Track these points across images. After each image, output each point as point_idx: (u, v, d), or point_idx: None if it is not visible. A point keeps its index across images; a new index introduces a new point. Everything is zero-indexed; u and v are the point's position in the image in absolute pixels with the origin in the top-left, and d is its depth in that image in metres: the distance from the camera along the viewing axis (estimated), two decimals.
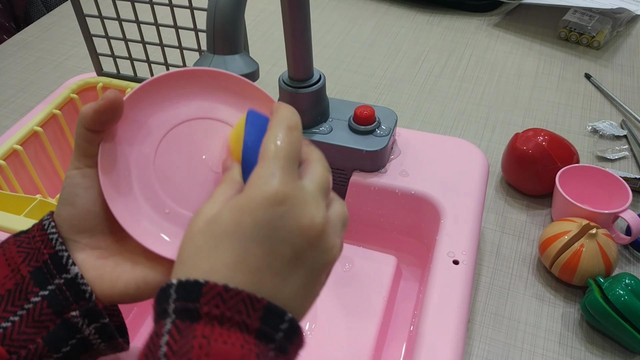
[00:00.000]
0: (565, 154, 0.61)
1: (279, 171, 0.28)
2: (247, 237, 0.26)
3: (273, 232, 0.27)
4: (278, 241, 0.27)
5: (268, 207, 0.27)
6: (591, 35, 0.87)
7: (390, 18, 0.98)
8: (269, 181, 0.27)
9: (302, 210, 0.27)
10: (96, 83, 0.66)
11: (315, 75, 0.53)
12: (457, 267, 0.45)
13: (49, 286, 0.30)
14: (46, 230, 0.31)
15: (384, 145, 0.53)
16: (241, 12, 0.39)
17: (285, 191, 0.27)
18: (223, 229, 0.27)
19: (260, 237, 0.26)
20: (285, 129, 0.30)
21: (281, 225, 0.27)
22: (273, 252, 0.27)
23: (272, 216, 0.27)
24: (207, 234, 0.27)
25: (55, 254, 0.31)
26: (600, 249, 0.52)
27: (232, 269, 0.26)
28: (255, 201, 0.27)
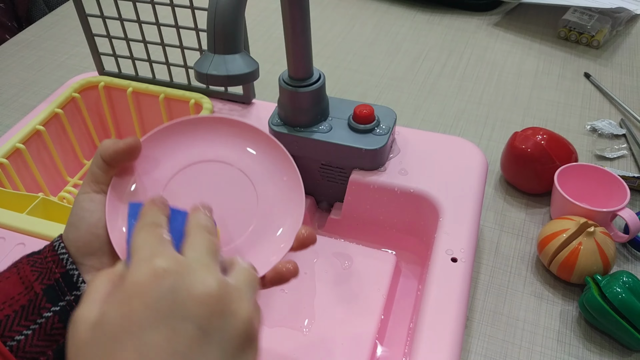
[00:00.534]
0: (563, 152, 0.62)
1: (156, 250, 0.27)
2: (142, 327, 0.24)
3: (168, 312, 0.25)
4: (176, 320, 0.24)
5: (154, 285, 0.25)
6: (591, 35, 0.87)
7: (390, 17, 0.99)
8: (148, 261, 0.26)
9: (191, 279, 0.26)
10: (98, 82, 0.66)
11: (315, 74, 0.54)
12: (456, 264, 0.46)
13: (60, 302, 0.31)
14: (57, 251, 0.33)
15: (383, 144, 0.53)
16: (241, 12, 0.40)
17: (166, 264, 0.26)
18: (113, 330, 0.25)
19: (157, 322, 0.24)
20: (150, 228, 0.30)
21: (173, 300, 0.25)
22: (175, 335, 0.24)
23: (160, 293, 0.25)
24: (96, 341, 0.25)
25: (66, 272, 0.32)
26: (598, 247, 0.52)
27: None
28: (138, 284, 0.25)
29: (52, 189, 0.64)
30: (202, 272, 0.27)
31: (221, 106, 0.63)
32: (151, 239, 0.29)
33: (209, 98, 0.63)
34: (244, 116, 0.62)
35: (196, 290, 0.25)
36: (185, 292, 0.25)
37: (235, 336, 0.26)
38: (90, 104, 0.68)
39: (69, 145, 0.67)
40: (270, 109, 0.62)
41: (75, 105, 0.66)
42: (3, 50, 0.94)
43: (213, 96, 0.64)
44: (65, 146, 0.66)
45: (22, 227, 0.49)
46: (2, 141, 0.60)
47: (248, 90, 0.63)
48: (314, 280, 0.53)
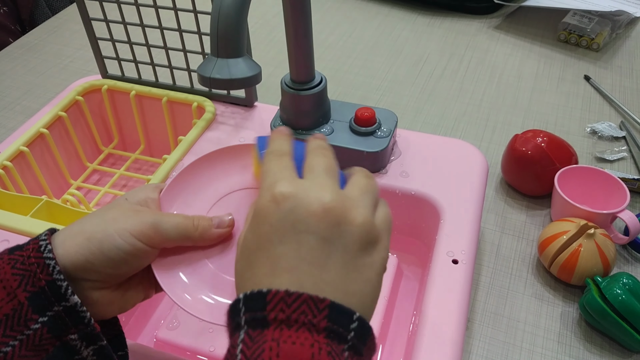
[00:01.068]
0: (564, 155, 0.62)
1: (278, 176, 0.29)
2: (271, 243, 0.28)
3: (290, 228, 0.28)
4: (299, 234, 0.27)
5: (275, 208, 0.28)
6: (590, 38, 0.88)
7: (391, 20, 0.99)
8: (270, 188, 0.29)
9: (308, 197, 0.28)
10: (101, 85, 0.67)
11: (317, 77, 0.54)
12: (457, 266, 0.46)
13: (48, 312, 0.31)
14: (42, 253, 0.31)
15: (384, 147, 0.53)
16: (244, 16, 0.40)
17: (285, 189, 0.28)
18: (250, 248, 0.29)
19: (283, 237, 0.28)
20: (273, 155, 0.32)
21: (294, 219, 0.28)
22: (300, 246, 0.27)
23: (282, 214, 0.28)
24: (241, 258, 0.29)
25: (53, 282, 0.31)
26: (598, 249, 0.53)
27: (270, 276, 0.27)
28: (263, 210, 0.28)
29: (55, 192, 0.65)
30: (318, 190, 0.29)
31: (224, 109, 0.64)
32: (275, 167, 0.31)
33: (211, 101, 0.64)
34: (246, 119, 0.62)
35: (312, 207, 0.28)
36: (304, 209, 0.28)
37: (354, 240, 0.28)
38: (94, 107, 0.69)
39: (72, 148, 0.67)
40: (272, 111, 0.63)
41: (78, 108, 0.67)
42: (6, 53, 0.95)
43: (215, 99, 0.65)
44: (69, 149, 0.67)
45: (26, 229, 0.50)
46: (6, 144, 0.60)
47: (250, 94, 0.64)
48: None
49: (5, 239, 0.50)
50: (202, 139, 0.60)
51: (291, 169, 0.31)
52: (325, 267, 0.27)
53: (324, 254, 0.27)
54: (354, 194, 0.30)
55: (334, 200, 0.28)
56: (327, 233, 0.28)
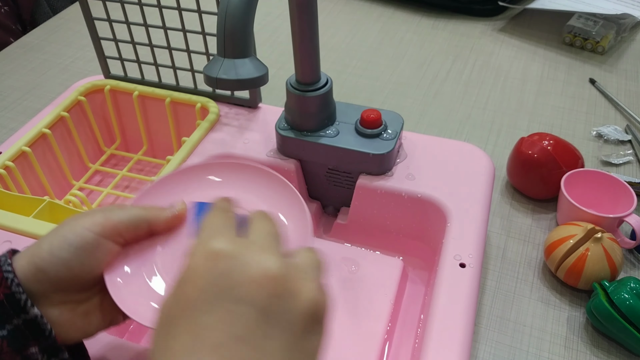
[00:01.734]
0: (570, 158, 0.62)
1: (217, 232, 0.27)
2: (196, 310, 0.23)
3: (222, 294, 0.23)
4: (231, 302, 0.23)
5: (207, 267, 0.24)
6: (595, 41, 0.87)
7: (395, 22, 0.99)
8: (206, 242, 0.26)
9: (247, 259, 0.24)
10: (104, 86, 0.66)
11: (323, 79, 0.54)
12: (464, 270, 0.46)
13: (7, 325, 0.30)
14: (1, 267, 0.30)
15: (390, 149, 0.53)
16: (251, 16, 0.40)
17: (222, 245, 0.25)
18: (170, 313, 0.25)
19: (210, 304, 0.23)
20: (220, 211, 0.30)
21: (228, 283, 0.24)
22: (231, 317, 0.23)
23: (213, 275, 0.24)
24: (161, 322, 0.25)
25: (11, 295, 0.30)
26: (606, 253, 0.52)
27: (190, 353, 0.22)
28: (192, 267, 0.25)
29: (57, 193, 0.64)
30: (260, 253, 0.25)
31: (227, 110, 0.63)
32: (218, 221, 0.28)
33: (215, 102, 0.63)
34: (250, 120, 0.62)
35: (252, 271, 0.24)
36: (241, 273, 0.24)
37: (299, 318, 0.24)
38: (96, 108, 0.68)
39: (74, 148, 0.66)
40: (277, 113, 0.62)
41: (81, 108, 0.66)
42: (7, 53, 0.94)
43: (219, 100, 0.64)
44: (71, 150, 0.66)
45: (29, 230, 0.49)
46: (7, 144, 0.60)
47: (254, 95, 0.63)
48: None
49: (8, 239, 0.49)
50: (206, 140, 0.59)
51: (233, 228, 0.28)
52: (262, 348, 0.23)
53: (260, 331, 0.23)
54: (301, 264, 0.27)
55: (278, 268, 0.25)
56: (266, 305, 0.23)
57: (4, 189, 0.55)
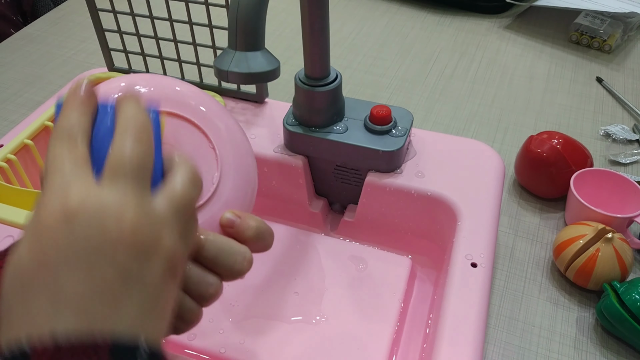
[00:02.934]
0: (579, 157, 0.61)
1: (69, 178, 0.24)
2: (55, 271, 0.22)
3: (82, 255, 0.22)
4: (92, 263, 0.22)
5: (64, 229, 0.22)
6: (602, 39, 0.87)
7: (401, 18, 0.98)
8: (59, 195, 0.23)
9: (105, 218, 0.23)
10: (107, 78, 0.65)
11: (332, 74, 0.53)
12: (476, 269, 0.45)
13: None
14: None
15: (400, 146, 0.52)
16: (264, 8, 0.39)
17: (76, 202, 0.23)
18: (26, 272, 0.23)
19: (70, 265, 0.22)
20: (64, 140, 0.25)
21: (87, 245, 0.22)
22: (92, 278, 0.22)
23: (73, 238, 0.22)
24: (14, 281, 0.23)
25: None
26: (616, 254, 0.52)
27: (51, 314, 0.22)
28: (48, 227, 0.23)
29: None
30: (119, 205, 0.23)
31: (234, 105, 0.62)
32: (64, 158, 0.24)
33: (221, 96, 0.62)
34: (256, 115, 0.61)
35: (110, 230, 0.23)
36: (100, 234, 0.23)
37: (161, 273, 0.24)
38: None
39: None
40: (284, 108, 0.61)
41: None
42: (8, 44, 0.93)
43: (225, 94, 0.63)
44: None
45: None
46: (9, 137, 0.59)
47: (261, 89, 0.62)
48: (329, 283, 0.52)
49: (10, 234, 0.48)
50: None
51: (85, 163, 0.24)
52: (121, 304, 0.22)
53: (122, 288, 0.23)
54: (167, 212, 0.25)
55: (138, 223, 0.23)
56: (127, 265, 0.23)
57: (5, 182, 0.54)
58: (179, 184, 0.26)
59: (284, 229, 0.57)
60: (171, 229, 0.25)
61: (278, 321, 0.49)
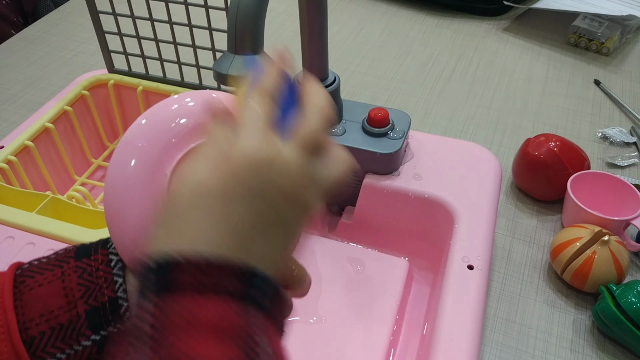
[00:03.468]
0: (576, 160, 0.61)
1: (260, 133, 0.27)
2: (232, 201, 0.26)
3: (257, 195, 0.26)
4: (262, 203, 0.26)
5: (249, 172, 0.26)
6: (600, 42, 0.87)
7: (399, 20, 0.98)
8: (250, 145, 0.27)
9: (280, 169, 0.27)
10: (107, 80, 0.66)
11: (330, 76, 0.53)
12: (472, 272, 0.45)
13: (102, 331, 0.29)
14: (112, 269, 0.30)
15: (397, 148, 0.53)
16: (263, 13, 0.39)
17: (264, 154, 0.27)
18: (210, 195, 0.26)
19: (245, 201, 0.26)
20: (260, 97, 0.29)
21: (264, 189, 0.26)
22: (257, 214, 0.26)
23: (254, 181, 0.26)
24: (187, 200, 0.26)
25: (115, 299, 0.30)
26: (613, 256, 0.52)
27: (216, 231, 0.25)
28: (236, 167, 0.26)
29: (59, 188, 0.64)
30: (296, 167, 0.27)
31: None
32: (260, 113, 0.28)
33: None
34: None
35: (283, 185, 0.27)
36: (275, 185, 0.27)
37: (301, 223, 0.28)
38: (99, 102, 0.67)
39: (77, 143, 0.66)
40: None
41: (84, 103, 0.66)
42: (9, 45, 0.93)
43: None
44: (74, 144, 0.65)
45: (32, 226, 0.48)
46: (10, 138, 0.59)
47: None
48: (327, 284, 0.53)
49: (10, 235, 0.49)
50: None
51: (274, 122, 0.29)
52: (271, 239, 0.27)
53: (275, 228, 0.27)
54: (320, 175, 0.29)
55: (298, 180, 0.27)
56: (285, 212, 0.27)
57: (6, 183, 0.55)
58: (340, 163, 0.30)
59: None
60: (316, 190, 0.28)
61: None
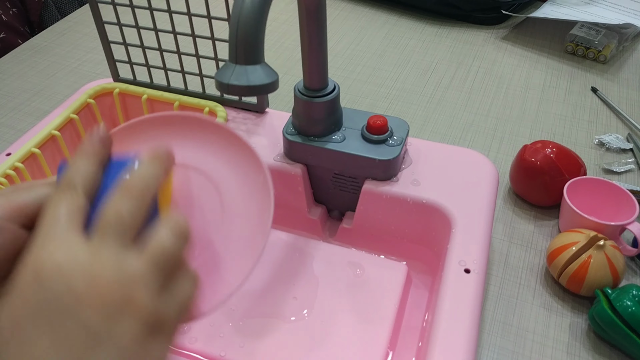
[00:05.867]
0: (572, 166, 0.62)
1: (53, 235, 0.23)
2: (25, 330, 0.22)
3: (53, 315, 0.22)
4: (61, 325, 0.22)
5: (36, 288, 0.22)
6: (598, 50, 0.88)
7: (399, 29, 1.00)
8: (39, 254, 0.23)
9: (77, 278, 0.22)
10: (113, 89, 0.67)
11: (330, 85, 0.54)
12: (469, 275, 0.46)
13: None
14: None
15: (396, 155, 0.54)
16: (263, 24, 0.41)
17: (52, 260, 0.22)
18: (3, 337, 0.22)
19: (37, 328, 0.22)
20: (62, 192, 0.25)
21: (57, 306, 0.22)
22: (60, 340, 0.22)
23: (42, 296, 0.22)
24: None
25: None
26: (608, 261, 0.53)
27: None
28: (21, 283, 0.23)
29: None
30: (92, 264, 0.23)
31: (235, 115, 0.64)
32: (59, 207, 0.24)
33: (223, 107, 0.64)
34: (257, 125, 0.63)
35: (80, 291, 0.22)
36: (69, 293, 0.22)
37: (131, 335, 0.23)
38: (105, 110, 0.69)
39: None
40: (284, 118, 0.63)
41: (90, 111, 0.67)
42: (16, 55, 0.95)
43: (227, 105, 0.65)
44: None
45: None
46: (17, 146, 0.60)
47: (262, 100, 0.64)
48: (327, 288, 0.54)
49: None
50: None
51: (76, 216, 0.24)
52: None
53: (90, 350, 0.22)
54: (142, 268, 0.24)
55: (108, 281, 0.22)
56: (95, 325, 0.22)
57: None
58: (159, 238, 0.25)
59: (283, 235, 0.58)
60: (148, 285, 0.24)
61: (277, 325, 0.51)
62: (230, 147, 0.36)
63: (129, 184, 0.25)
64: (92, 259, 0.23)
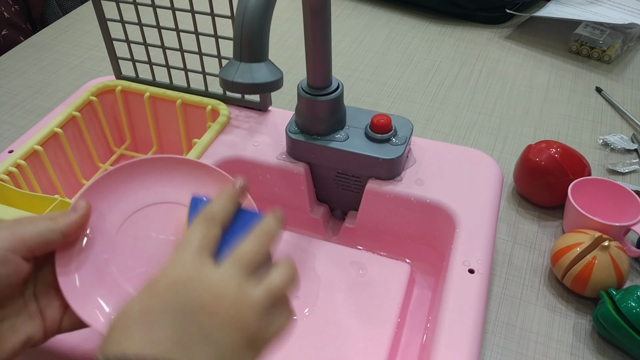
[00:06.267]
0: (577, 166, 0.62)
1: (193, 255, 0.30)
2: (154, 323, 0.28)
3: (180, 316, 0.28)
4: (185, 323, 0.28)
5: (172, 292, 0.28)
6: (602, 50, 0.88)
7: (402, 28, 0.99)
8: (178, 266, 0.29)
9: (205, 290, 0.29)
10: (115, 86, 0.67)
11: (334, 84, 0.54)
12: (473, 276, 0.46)
13: None
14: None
15: (400, 154, 0.53)
16: (268, 22, 0.40)
17: (188, 274, 0.29)
18: (134, 316, 0.28)
19: (167, 319, 0.28)
20: (204, 222, 0.32)
21: (184, 308, 0.28)
22: (181, 334, 0.27)
23: (175, 300, 0.28)
24: (121, 317, 0.29)
25: None
26: (613, 261, 0.52)
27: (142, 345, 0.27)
28: (160, 286, 0.29)
29: (67, 192, 0.65)
30: (224, 287, 0.29)
31: (238, 113, 0.64)
32: (196, 235, 0.30)
33: (226, 105, 0.64)
34: (260, 123, 0.62)
35: (207, 302, 0.28)
36: (198, 304, 0.28)
37: (234, 344, 0.28)
38: (107, 108, 0.69)
39: (85, 148, 0.67)
40: (286, 116, 0.63)
41: (92, 108, 0.67)
42: (18, 52, 0.95)
43: (230, 103, 0.65)
44: (81, 149, 0.66)
45: None
46: (19, 143, 0.60)
47: (265, 98, 0.64)
48: (330, 288, 0.53)
49: None
50: (217, 142, 0.60)
51: (211, 244, 0.31)
52: (195, 353, 0.27)
53: (200, 345, 0.28)
54: (257, 297, 0.30)
55: (232, 302, 0.29)
56: (211, 330, 0.28)
57: (15, 187, 0.56)
58: (277, 276, 0.32)
59: (286, 234, 0.58)
60: (258, 311, 0.30)
61: None
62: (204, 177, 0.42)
63: (260, 231, 0.33)
64: (221, 280, 0.29)
